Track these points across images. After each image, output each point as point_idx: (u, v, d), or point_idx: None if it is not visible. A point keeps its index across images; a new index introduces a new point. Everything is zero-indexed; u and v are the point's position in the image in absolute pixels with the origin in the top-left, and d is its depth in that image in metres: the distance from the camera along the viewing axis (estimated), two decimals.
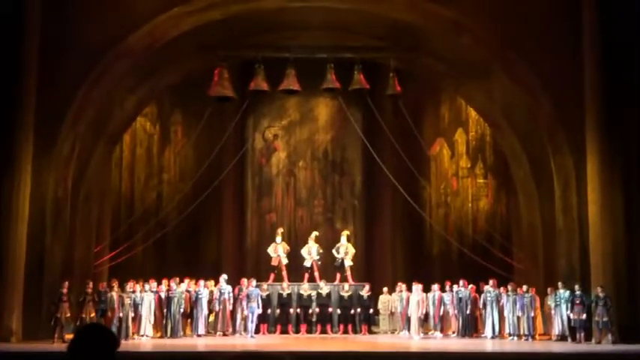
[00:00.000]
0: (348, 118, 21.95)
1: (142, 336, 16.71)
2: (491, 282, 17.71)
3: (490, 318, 17.40)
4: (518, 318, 17.11)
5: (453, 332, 17.97)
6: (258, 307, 17.57)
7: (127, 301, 16.56)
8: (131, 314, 16.59)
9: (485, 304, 17.55)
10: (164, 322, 17.19)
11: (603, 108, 15.85)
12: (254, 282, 17.95)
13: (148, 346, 15.50)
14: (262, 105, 23.71)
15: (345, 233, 20.13)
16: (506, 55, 17.42)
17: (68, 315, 15.70)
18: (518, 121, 19.00)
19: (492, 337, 17.15)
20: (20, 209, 15.51)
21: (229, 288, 17.89)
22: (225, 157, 21.84)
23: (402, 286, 18.70)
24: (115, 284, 16.76)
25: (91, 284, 16.52)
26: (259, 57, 19.49)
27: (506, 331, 17.23)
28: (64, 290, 15.88)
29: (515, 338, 16.90)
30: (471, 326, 17.79)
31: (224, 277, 18.15)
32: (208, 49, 19.22)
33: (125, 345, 15.17)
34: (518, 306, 17.06)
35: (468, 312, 17.72)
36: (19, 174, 15.54)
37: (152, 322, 16.95)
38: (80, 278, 17.46)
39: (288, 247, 19.63)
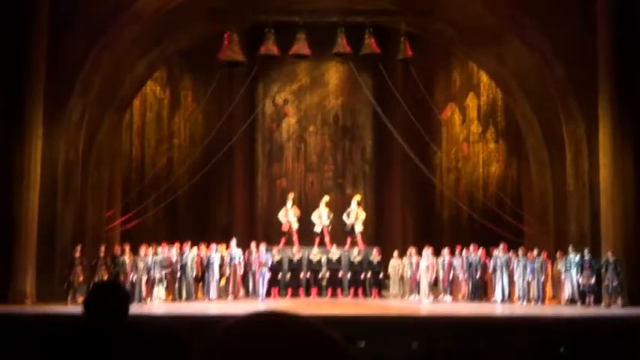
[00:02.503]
0: (358, 83, 21.88)
1: (155, 299, 16.92)
2: (501, 246, 17.73)
3: (500, 282, 17.46)
4: (528, 282, 17.17)
5: (463, 296, 18.09)
6: (269, 272, 17.76)
7: (141, 265, 16.74)
8: (144, 278, 16.80)
9: (495, 269, 17.60)
10: (176, 285, 17.40)
11: (615, 74, 15.76)
12: (263, 246, 18.07)
13: (161, 309, 15.72)
14: (272, 70, 23.66)
15: (355, 198, 20.22)
16: (519, 20, 17.28)
17: (81, 279, 15.95)
18: (530, 86, 18.90)
19: (502, 302, 17.26)
20: (32, 174, 15.66)
21: (240, 252, 18.05)
22: (236, 123, 21.89)
23: (412, 250, 18.83)
24: (127, 248, 16.95)
25: (103, 248, 16.73)
26: (269, 21, 19.42)
27: (516, 295, 17.32)
28: (77, 254, 16.11)
29: (525, 302, 16.98)
30: (481, 290, 17.87)
31: (234, 242, 18.25)
32: (218, 13, 19.11)
33: (139, 308, 15.42)
34: (528, 270, 17.13)
35: (477, 276, 17.80)
36: (30, 139, 15.65)
37: (164, 285, 17.15)
38: (92, 242, 17.66)
39: (298, 212, 19.74)
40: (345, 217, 19.72)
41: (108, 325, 2.91)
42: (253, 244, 18.23)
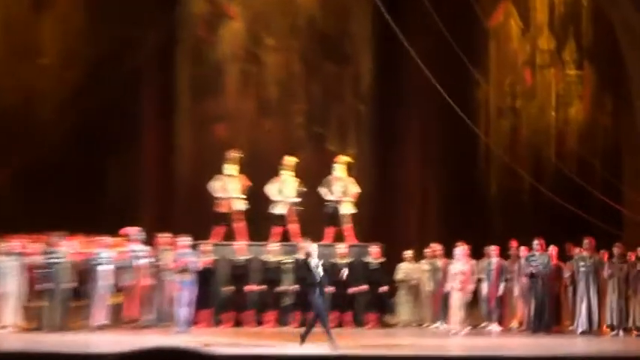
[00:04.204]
0: None
1: (4, 327, 17.01)
2: (585, 242, 17.74)
3: (583, 301, 17.52)
4: (627, 300, 17.29)
5: (520, 324, 18.20)
6: (196, 283, 17.61)
7: None
8: None
9: (574, 279, 17.68)
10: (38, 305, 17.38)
11: None
12: (186, 241, 17.88)
13: (14, 342, 15.61)
14: None
15: (342, 160, 20.12)
16: None
17: None
18: None
19: (584, 332, 17.31)
20: None
21: (147, 250, 18.03)
22: (143, 30, 21.82)
23: (436, 248, 18.89)
24: None
25: None
26: None
27: (607, 322, 17.41)
28: None
29: (622, 333, 17.06)
30: (550, 315, 17.94)
31: (138, 232, 18.23)
32: None
33: None
34: (628, 281, 17.24)
35: (545, 292, 17.87)
36: None
37: (23, 304, 17.33)
38: None
39: (246, 183, 19.70)
40: (324, 191, 19.69)
41: None
42: (161, 239, 18.25)
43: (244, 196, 19.70)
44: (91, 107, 20.80)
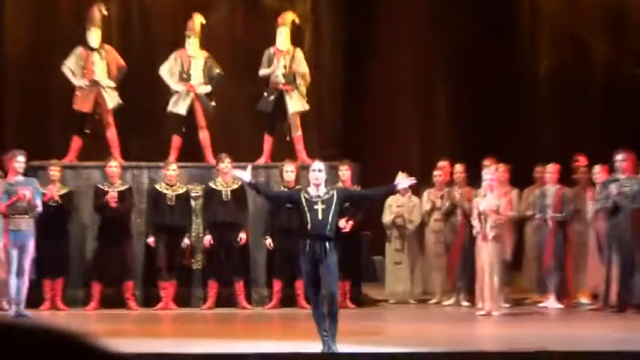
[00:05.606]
0: None
1: None
2: None
3: None
4: None
5: (595, 298, 18.16)
6: (36, 233, 17.35)
7: None
8: None
9: None
10: None
11: None
12: (22, 161, 17.51)
13: None
14: None
15: (289, 21, 19.93)
16: None
17: None
18: None
19: None
20: None
21: None
22: None
23: (450, 170, 18.79)
24: None
25: None
26: None
27: None
28: None
29: None
30: None
31: None
32: None
33: None
34: None
35: (636, 242, 17.64)
36: None
37: None
38: None
39: (121, 62, 19.51)
40: (262, 72, 19.48)
41: None
42: None
43: (117, 85, 19.46)
44: None
